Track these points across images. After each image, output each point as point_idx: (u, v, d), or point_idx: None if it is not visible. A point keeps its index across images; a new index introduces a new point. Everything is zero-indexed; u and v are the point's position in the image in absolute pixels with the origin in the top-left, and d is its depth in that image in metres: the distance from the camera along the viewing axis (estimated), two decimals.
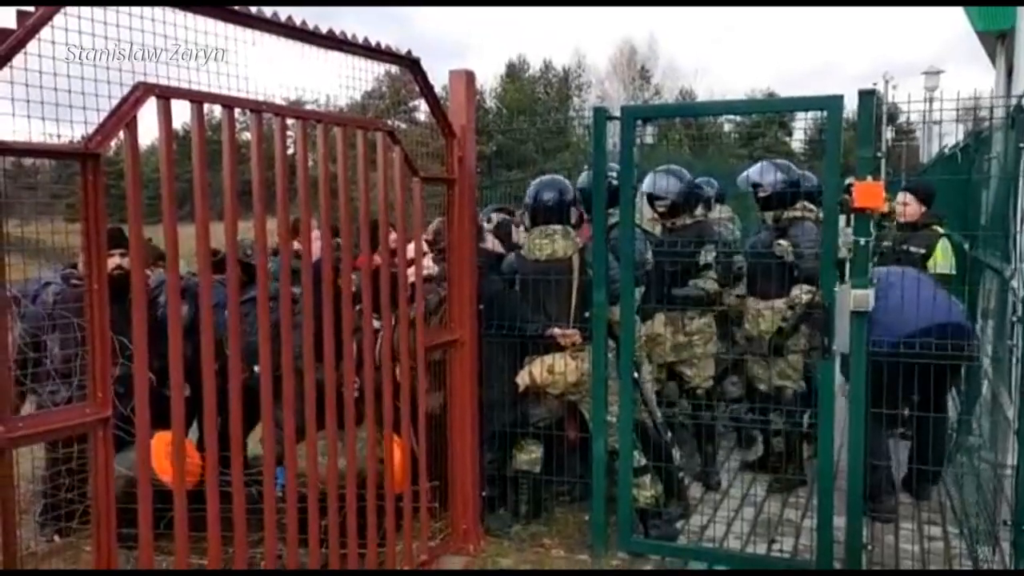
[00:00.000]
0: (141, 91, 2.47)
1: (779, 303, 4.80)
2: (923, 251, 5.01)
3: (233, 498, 2.90)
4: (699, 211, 5.35)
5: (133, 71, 2.50)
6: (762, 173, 4.99)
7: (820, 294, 4.53)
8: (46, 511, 3.95)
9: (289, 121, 3.07)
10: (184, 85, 2.66)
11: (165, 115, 2.55)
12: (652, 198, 5.04)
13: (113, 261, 3.60)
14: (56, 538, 3.93)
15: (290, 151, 3.17)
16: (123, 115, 2.43)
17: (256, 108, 2.88)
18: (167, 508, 2.73)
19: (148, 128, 2.58)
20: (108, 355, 2.45)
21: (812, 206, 4.90)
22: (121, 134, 2.45)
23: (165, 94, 2.54)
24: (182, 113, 2.69)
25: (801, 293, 4.69)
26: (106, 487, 2.48)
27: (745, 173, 5.18)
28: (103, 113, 2.43)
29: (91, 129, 2.40)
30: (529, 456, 4.45)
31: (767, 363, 4.89)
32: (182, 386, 2.70)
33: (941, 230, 5.25)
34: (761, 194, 4.97)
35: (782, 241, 4.78)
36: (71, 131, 2.47)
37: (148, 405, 2.59)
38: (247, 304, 3.02)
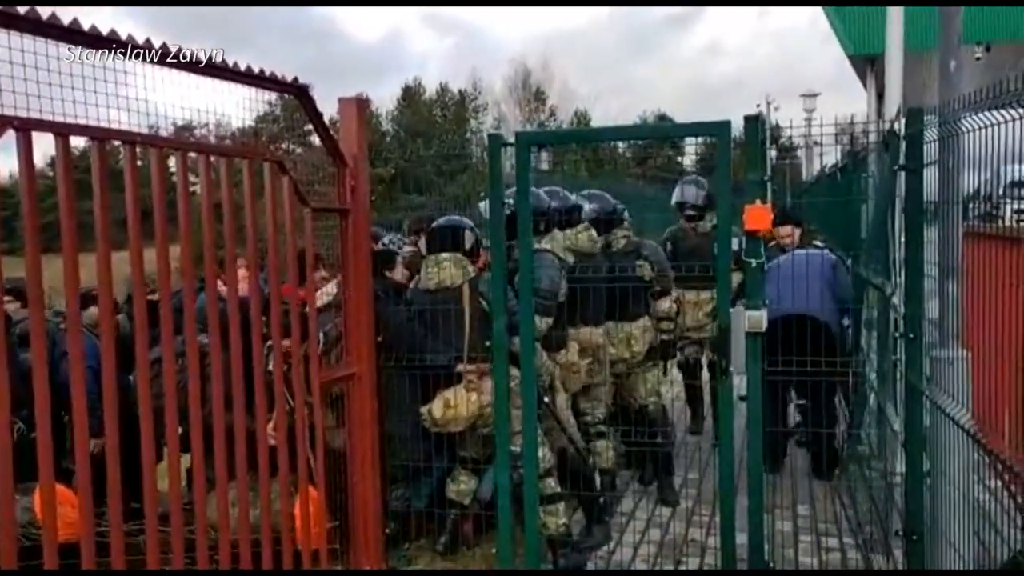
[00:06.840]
0: None
1: (644, 322, 5.05)
2: None
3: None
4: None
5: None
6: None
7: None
8: None
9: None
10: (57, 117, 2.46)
11: (26, 149, 2.36)
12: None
13: None
14: None
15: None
16: None
17: (129, 140, 2.69)
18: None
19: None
20: None
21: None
22: None
23: (25, 126, 2.34)
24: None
25: (669, 301, 5.18)
26: None
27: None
28: None
29: None
30: (459, 487, 4.34)
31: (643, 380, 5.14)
32: (49, 434, 2.49)
33: (820, 244, 5.87)
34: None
35: (639, 261, 5.04)
36: None
37: (12, 453, 2.37)
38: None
